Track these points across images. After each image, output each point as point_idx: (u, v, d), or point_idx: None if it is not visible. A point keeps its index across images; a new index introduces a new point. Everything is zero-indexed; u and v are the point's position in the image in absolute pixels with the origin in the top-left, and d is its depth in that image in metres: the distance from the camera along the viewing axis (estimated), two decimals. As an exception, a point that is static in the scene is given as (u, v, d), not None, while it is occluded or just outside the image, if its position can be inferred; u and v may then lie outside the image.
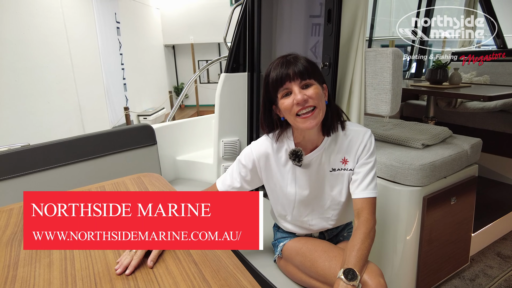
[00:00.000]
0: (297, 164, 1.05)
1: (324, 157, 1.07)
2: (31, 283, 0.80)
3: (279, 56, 1.02)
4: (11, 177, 1.55)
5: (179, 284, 0.76)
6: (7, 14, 4.68)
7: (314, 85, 0.97)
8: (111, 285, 0.78)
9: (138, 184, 1.32)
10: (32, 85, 5.12)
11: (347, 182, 1.09)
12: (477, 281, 1.68)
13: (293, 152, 1.04)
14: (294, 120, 0.98)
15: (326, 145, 1.07)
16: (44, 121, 5.36)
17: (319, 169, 1.08)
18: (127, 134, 1.81)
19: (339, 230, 1.25)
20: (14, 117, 4.73)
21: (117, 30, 7.90)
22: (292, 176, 1.09)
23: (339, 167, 1.08)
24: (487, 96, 1.78)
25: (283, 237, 1.22)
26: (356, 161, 1.07)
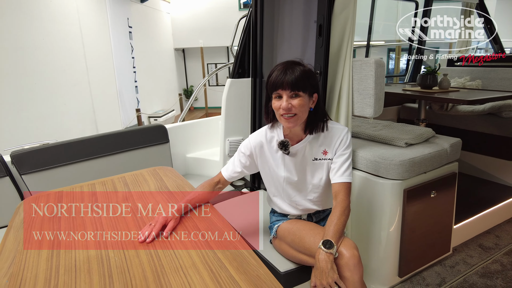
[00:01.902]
0: (285, 152, 1.27)
1: (308, 149, 1.29)
2: (73, 247, 1.01)
3: (284, 61, 1.22)
4: (46, 169, 1.78)
5: (190, 253, 0.96)
6: (27, 22, 4.97)
7: (300, 97, 1.16)
8: (135, 250, 0.98)
9: (154, 175, 1.54)
10: (50, 88, 5.39)
11: (327, 170, 1.30)
12: (456, 268, 1.85)
13: (281, 142, 1.27)
14: (279, 119, 1.22)
15: (309, 140, 1.28)
16: (60, 122, 5.63)
17: (304, 158, 1.30)
18: (143, 133, 2.04)
19: (326, 214, 1.43)
20: (33, 118, 5.00)
21: (129, 35, 8.19)
22: (282, 162, 1.31)
23: (321, 157, 1.29)
24: (466, 100, 1.95)
25: (277, 220, 1.42)
26: (334, 152, 1.28)
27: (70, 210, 1.26)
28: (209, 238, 1.03)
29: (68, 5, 5.89)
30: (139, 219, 1.15)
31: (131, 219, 1.15)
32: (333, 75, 1.60)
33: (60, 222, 1.18)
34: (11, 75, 4.60)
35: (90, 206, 1.28)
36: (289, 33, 1.94)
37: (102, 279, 0.86)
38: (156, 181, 1.47)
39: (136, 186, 1.43)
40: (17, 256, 0.99)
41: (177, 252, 0.96)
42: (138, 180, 1.50)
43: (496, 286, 1.72)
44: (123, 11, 7.79)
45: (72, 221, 1.18)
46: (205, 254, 0.94)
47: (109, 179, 1.52)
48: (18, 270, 0.92)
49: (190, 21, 10.68)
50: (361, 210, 1.71)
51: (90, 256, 0.96)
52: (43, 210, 1.28)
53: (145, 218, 1.16)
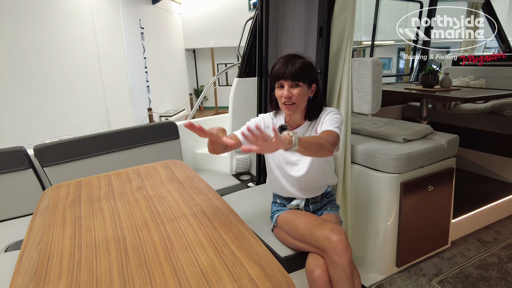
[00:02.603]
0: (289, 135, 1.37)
1: (306, 134, 1.42)
2: (92, 229, 1.13)
3: (287, 54, 1.35)
4: (65, 162, 1.92)
5: (197, 233, 1.06)
6: (44, 24, 5.16)
7: (300, 87, 1.30)
8: (148, 231, 1.09)
9: (165, 167, 1.65)
10: (65, 87, 5.58)
11: None
12: (453, 260, 1.92)
13: (280, 126, 1.44)
14: (281, 106, 1.36)
15: (306, 126, 1.42)
16: (75, 120, 5.81)
17: None
18: (155, 129, 2.16)
19: (323, 204, 1.52)
20: (50, 116, 5.19)
21: (141, 36, 8.36)
22: None
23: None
24: (463, 98, 2.02)
25: (277, 210, 1.51)
26: (321, 124, 1.37)
27: (89, 197, 1.39)
28: (214, 221, 1.13)
29: (83, 8, 6.08)
30: (151, 205, 1.27)
31: (144, 206, 1.27)
32: (333, 74, 1.69)
33: (80, 207, 1.30)
34: (30, 75, 4.80)
35: (107, 193, 1.41)
36: (292, 34, 2.04)
37: (119, 255, 0.97)
38: (167, 173, 1.59)
39: (149, 177, 1.55)
40: (44, 235, 1.11)
41: (186, 233, 1.06)
42: (151, 171, 1.62)
43: (491, 277, 1.79)
44: (135, 12, 7.97)
45: (91, 206, 1.30)
46: (210, 235, 1.05)
47: (123, 171, 1.65)
48: (46, 246, 1.04)
49: (201, 22, 10.83)
50: (359, 202, 1.80)
51: (108, 236, 1.08)
52: (65, 197, 1.41)
53: (158, 205, 1.27)
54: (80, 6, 6.01)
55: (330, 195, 1.56)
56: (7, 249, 1.62)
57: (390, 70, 10.09)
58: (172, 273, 0.87)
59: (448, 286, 1.72)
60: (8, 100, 4.45)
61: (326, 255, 1.21)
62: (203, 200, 1.30)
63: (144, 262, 0.93)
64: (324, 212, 1.50)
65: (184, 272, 0.87)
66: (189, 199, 1.31)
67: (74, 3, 5.83)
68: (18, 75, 4.62)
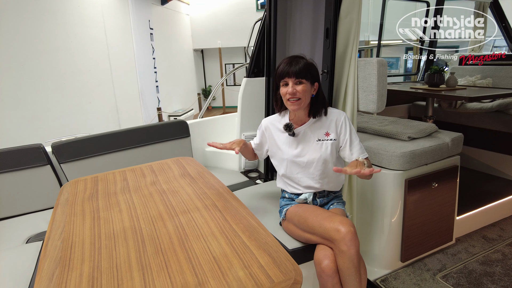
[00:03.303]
0: (290, 133, 1.48)
1: (311, 131, 1.49)
2: (110, 221, 1.20)
3: (290, 56, 1.45)
4: (81, 158, 2.00)
5: (210, 224, 1.13)
6: (58, 25, 5.29)
7: (304, 84, 1.39)
8: (163, 222, 1.16)
9: (177, 164, 1.72)
10: (77, 87, 5.70)
11: (330, 150, 1.47)
12: (458, 256, 1.96)
13: (286, 124, 1.48)
14: (286, 103, 1.45)
15: (312, 122, 1.49)
16: (85, 119, 5.93)
17: (308, 139, 1.49)
18: (167, 128, 2.24)
19: (330, 199, 1.57)
20: (62, 115, 5.31)
21: (151, 36, 8.47)
22: (287, 142, 1.52)
23: (323, 138, 1.48)
24: (468, 97, 2.05)
25: (286, 204, 1.57)
26: (337, 133, 1.48)
27: (106, 191, 1.46)
28: (225, 214, 1.19)
29: (94, 9, 6.20)
30: (165, 199, 1.33)
31: (159, 199, 1.33)
32: (340, 74, 1.74)
33: (98, 200, 1.38)
34: (44, 75, 4.92)
35: (123, 188, 1.48)
36: (300, 35, 2.09)
37: (136, 244, 1.04)
38: (180, 169, 1.65)
39: (162, 172, 1.62)
40: (66, 226, 1.19)
41: (198, 224, 1.13)
42: (164, 167, 1.69)
43: (495, 273, 1.82)
44: (145, 13, 8.08)
45: (108, 200, 1.37)
46: (222, 225, 1.11)
47: (137, 167, 1.72)
48: (68, 235, 1.12)
49: (209, 22, 10.92)
50: (365, 198, 1.85)
51: (125, 227, 1.15)
52: (83, 191, 1.48)
53: (172, 199, 1.34)
54: (92, 7, 6.13)
55: (337, 191, 1.62)
56: (28, 240, 1.71)
57: (398, 70, 10.05)
58: (187, 260, 0.93)
59: (451, 281, 1.76)
60: (24, 99, 4.58)
61: (335, 245, 1.27)
62: (214, 194, 1.37)
63: (160, 250, 0.99)
64: (331, 206, 1.55)
65: (198, 259, 0.93)
66: (201, 193, 1.38)
67: (86, 5, 5.96)
68: (34, 75, 4.74)
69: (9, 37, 4.31)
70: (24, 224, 1.86)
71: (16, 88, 4.44)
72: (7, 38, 4.28)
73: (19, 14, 4.46)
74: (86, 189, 1.51)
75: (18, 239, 1.72)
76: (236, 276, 0.85)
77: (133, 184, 1.51)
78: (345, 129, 1.47)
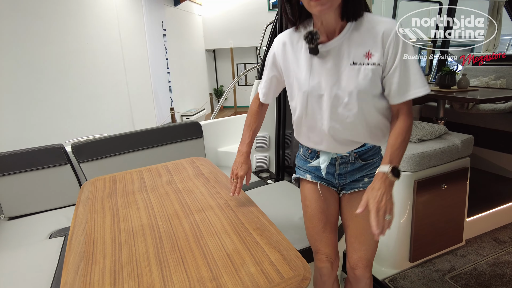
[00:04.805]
0: (311, 46, 0.99)
1: (344, 48, 0.98)
2: (129, 218, 1.27)
3: None
4: (99, 158, 2.09)
5: (223, 222, 1.18)
6: (75, 27, 5.44)
7: None
8: (179, 220, 1.22)
9: (191, 164, 1.78)
10: (92, 88, 5.86)
11: (371, 78, 0.97)
12: (467, 257, 1.97)
13: (308, 33, 0.97)
14: (308, 5, 0.93)
15: (348, 33, 0.98)
16: (101, 119, 6.09)
17: (338, 61, 1.00)
18: (181, 129, 2.31)
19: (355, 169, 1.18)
20: (78, 115, 5.47)
21: (164, 37, 8.61)
22: (307, 66, 1.04)
23: (362, 61, 0.97)
24: (478, 99, 2.05)
25: (299, 167, 1.32)
26: (384, 56, 0.96)
27: (124, 190, 1.53)
28: (238, 212, 1.25)
29: (109, 11, 6.35)
30: (181, 198, 1.40)
31: (174, 198, 1.40)
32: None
33: (117, 199, 1.45)
34: (62, 77, 5.08)
35: (140, 187, 1.55)
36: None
37: (154, 240, 1.10)
38: (194, 169, 1.72)
39: (177, 172, 1.68)
40: (87, 222, 1.26)
41: (212, 222, 1.18)
42: (178, 167, 1.75)
43: (504, 274, 1.83)
44: (158, 15, 8.22)
45: (126, 198, 1.44)
46: (235, 224, 1.16)
47: (153, 167, 1.79)
48: (91, 232, 1.19)
49: (221, 22, 11.01)
50: (375, 199, 1.87)
51: (143, 224, 1.21)
52: (102, 190, 1.56)
53: (187, 197, 1.40)
54: (107, 10, 6.28)
55: (370, 156, 1.17)
56: (51, 235, 1.80)
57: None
58: (202, 256, 0.99)
59: (460, 282, 1.77)
60: (44, 99, 4.74)
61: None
62: (227, 194, 1.42)
63: (177, 246, 1.05)
64: (354, 189, 1.19)
65: (212, 255, 0.99)
66: (214, 192, 1.44)
67: (101, 7, 6.11)
68: (52, 77, 4.90)
69: (30, 40, 4.47)
70: (47, 220, 1.96)
71: (36, 89, 4.60)
72: (27, 41, 4.44)
73: (38, 17, 4.62)
74: (105, 188, 1.59)
75: (41, 234, 1.81)
76: (248, 271, 0.90)
77: (150, 183, 1.58)
78: (395, 48, 0.94)
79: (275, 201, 1.88)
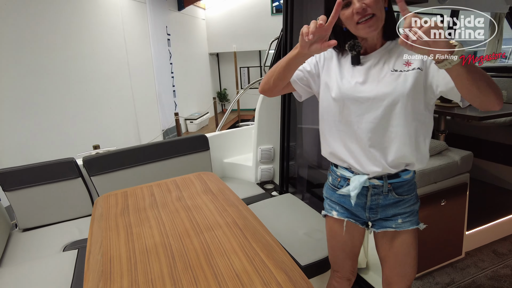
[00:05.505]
0: (353, 53, 1.06)
1: (385, 58, 1.05)
2: (142, 236, 1.33)
3: None
4: (109, 171, 2.16)
5: (231, 242, 1.25)
6: (81, 33, 5.53)
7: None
8: (190, 239, 1.29)
9: (199, 179, 1.85)
10: (97, 93, 5.94)
11: (412, 83, 1.00)
12: (467, 270, 2.03)
13: (352, 42, 1.06)
14: (355, 29, 1.01)
15: (388, 48, 1.06)
16: (106, 124, 6.17)
17: (378, 68, 1.06)
18: (189, 142, 2.38)
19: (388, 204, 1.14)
20: (83, 120, 5.55)
21: (168, 42, 8.69)
22: (348, 72, 1.10)
23: (402, 68, 1.02)
24: (478, 116, 2.11)
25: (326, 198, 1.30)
26: (424, 61, 1.00)
27: (136, 206, 1.60)
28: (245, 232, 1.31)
29: (114, 17, 6.44)
30: (191, 215, 1.46)
31: (184, 216, 1.46)
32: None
33: (129, 216, 1.52)
34: (66, 82, 5.16)
35: (151, 203, 1.62)
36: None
37: (167, 259, 1.17)
38: (202, 184, 1.78)
39: (186, 188, 1.75)
40: (103, 241, 1.33)
41: (221, 241, 1.25)
42: (187, 183, 1.82)
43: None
44: (162, 20, 8.30)
45: (139, 215, 1.51)
46: (243, 243, 1.23)
47: (163, 182, 1.86)
48: (107, 250, 1.26)
49: (224, 26, 11.09)
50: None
51: (156, 243, 1.28)
52: (115, 206, 1.63)
53: (196, 215, 1.46)
54: (112, 16, 6.37)
55: (405, 191, 1.14)
56: (64, 248, 1.87)
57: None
58: (213, 277, 1.05)
59: (459, 294, 1.83)
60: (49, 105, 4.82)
61: None
62: (235, 212, 1.48)
63: (189, 266, 1.12)
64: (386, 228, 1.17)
65: (222, 275, 1.05)
66: (222, 210, 1.50)
67: (107, 13, 6.19)
68: (58, 82, 4.99)
69: (34, 45, 4.54)
70: (60, 232, 2.03)
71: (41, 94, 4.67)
72: (32, 47, 4.52)
73: (43, 23, 4.69)
74: (118, 204, 1.66)
75: (55, 246, 1.89)
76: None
77: (160, 200, 1.65)
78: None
79: (280, 215, 1.95)
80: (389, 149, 1.07)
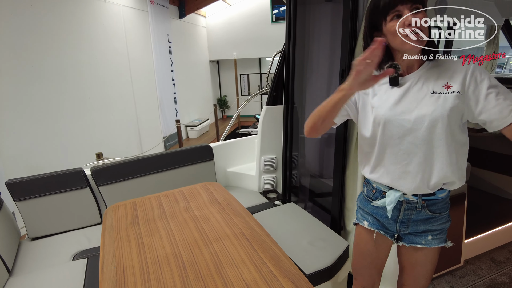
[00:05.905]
0: (393, 75, 1.07)
1: (423, 80, 1.05)
2: (154, 247, 1.38)
3: None
4: (116, 181, 2.21)
5: (240, 253, 1.30)
6: (85, 41, 5.61)
7: (422, 12, 0.98)
8: (199, 249, 1.34)
9: (206, 189, 1.91)
10: (100, 100, 6.01)
11: (451, 104, 1.00)
12: (465, 278, 2.08)
13: (391, 64, 1.05)
14: (401, 44, 1.00)
15: (426, 68, 1.06)
16: (108, 130, 6.23)
17: (417, 90, 1.05)
18: (194, 152, 2.44)
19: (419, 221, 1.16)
20: (87, 126, 5.60)
21: (169, 49, 8.78)
22: (387, 95, 1.09)
23: (441, 90, 1.02)
24: (474, 129, 2.18)
25: (359, 208, 1.33)
26: (463, 85, 1.01)
27: (145, 217, 1.65)
28: (252, 242, 1.36)
29: (117, 24, 6.53)
30: (199, 226, 1.51)
31: (193, 226, 1.52)
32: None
33: (139, 226, 1.57)
34: (68, 89, 5.23)
35: (160, 213, 1.67)
36: (317, 71, 2.26)
37: (179, 270, 1.22)
38: (208, 195, 1.84)
39: (193, 198, 1.80)
40: (115, 251, 1.38)
41: (230, 252, 1.30)
42: (194, 193, 1.87)
43: (500, 295, 1.94)
44: (164, 28, 8.40)
45: (148, 226, 1.56)
46: (250, 254, 1.28)
47: (170, 193, 1.91)
48: (119, 260, 1.31)
49: (225, 34, 11.21)
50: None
51: (167, 253, 1.33)
52: (125, 216, 1.68)
53: (204, 225, 1.52)
54: (115, 23, 6.46)
55: (439, 208, 1.16)
56: (74, 257, 1.92)
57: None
58: (224, 287, 1.10)
59: (459, 302, 1.88)
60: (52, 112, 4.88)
61: None
62: (242, 222, 1.54)
63: (200, 276, 1.17)
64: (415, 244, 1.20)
65: (233, 285, 1.10)
66: (229, 221, 1.55)
67: (109, 20, 6.28)
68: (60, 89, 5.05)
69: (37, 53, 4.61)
70: (68, 240, 2.08)
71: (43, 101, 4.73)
72: (37, 55, 4.59)
73: (45, 30, 4.76)
74: (127, 215, 1.71)
75: (65, 255, 1.93)
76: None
77: (168, 210, 1.70)
78: (476, 78, 0.99)
79: (284, 224, 2.00)
80: (431, 170, 1.08)
